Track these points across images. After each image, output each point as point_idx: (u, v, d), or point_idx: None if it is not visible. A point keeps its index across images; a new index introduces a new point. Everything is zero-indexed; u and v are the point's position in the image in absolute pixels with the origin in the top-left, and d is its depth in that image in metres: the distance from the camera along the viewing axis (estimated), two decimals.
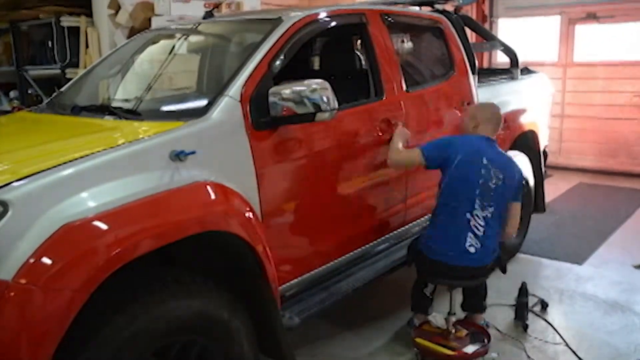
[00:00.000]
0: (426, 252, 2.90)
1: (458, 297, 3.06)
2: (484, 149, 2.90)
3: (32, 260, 1.65)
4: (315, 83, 2.34)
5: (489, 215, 2.82)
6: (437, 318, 3.01)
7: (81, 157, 1.90)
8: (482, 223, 2.81)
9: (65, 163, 1.85)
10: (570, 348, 3.09)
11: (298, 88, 2.32)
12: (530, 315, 3.41)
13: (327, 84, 2.37)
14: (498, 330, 3.29)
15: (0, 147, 2.28)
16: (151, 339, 1.88)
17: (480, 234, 2.81)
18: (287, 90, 2.32)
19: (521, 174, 3.04)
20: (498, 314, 3.46)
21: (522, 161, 4.15)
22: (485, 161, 2.84)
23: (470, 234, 2.80)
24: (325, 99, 2.34)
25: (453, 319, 2.99)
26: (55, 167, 1.83)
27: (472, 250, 2.80)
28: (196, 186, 2.08)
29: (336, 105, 2.39)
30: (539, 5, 7.48)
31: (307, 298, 2.71)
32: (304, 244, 2.70)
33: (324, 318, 3.24)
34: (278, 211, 2.50)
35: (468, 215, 2.80)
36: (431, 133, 3.40)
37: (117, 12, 4.82)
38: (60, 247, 1.70)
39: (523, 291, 3.42)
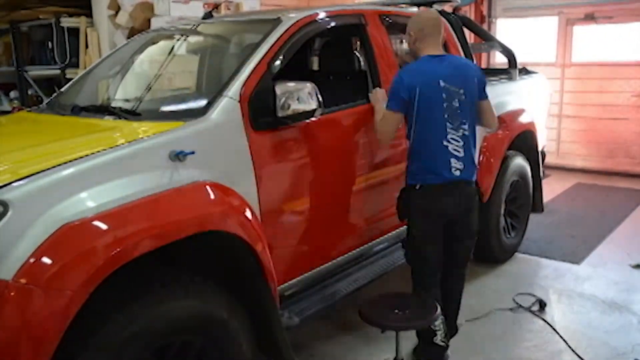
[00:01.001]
0: (415, 182, 2.77)
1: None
2: (435, 71, 2.71)
3: (32, 260, 1.66)
4: (301, 86, 2.38)
5: (465, 132, 2.73)
6: None
7: (81, 157, 1.91)
8: (460, 143, 2.72)
9: (65, 163, 1.87)
10: (569, 347, 3.10)
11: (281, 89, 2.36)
12: (529, 315, 3.42)
13: (312, 87, 2.41)
14: (496, 329, 3.30)
15: (0, 147, 2.28)
16: (151, 339, 1.89)
17: (461, 155, 2.73)
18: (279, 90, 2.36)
19: (479, 72, 2.86)
20: (497, 314, 3.47)
21: (520, 161, 4.18)
22: (442, 84, 2.68)
23: (452, 159, 2.71)
24: (309, 99, 2.38)
25: None
26: (55, 167, 1.84)
27: (457, 173, 2.73)
28: (195, 186, 2.09)
29: (317, 107, 2.45)
30: (537, 6, 7.49)
31: (306, 298, 2.72)
32: (303, 243, 2.71)
33: (323, 318, 3.24)
34: (277, 211, 2.51)
35: (444, 142, 2.70)
36: None
37: (116, 13, 4.82)
38: (60, 247, 1.71)
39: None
